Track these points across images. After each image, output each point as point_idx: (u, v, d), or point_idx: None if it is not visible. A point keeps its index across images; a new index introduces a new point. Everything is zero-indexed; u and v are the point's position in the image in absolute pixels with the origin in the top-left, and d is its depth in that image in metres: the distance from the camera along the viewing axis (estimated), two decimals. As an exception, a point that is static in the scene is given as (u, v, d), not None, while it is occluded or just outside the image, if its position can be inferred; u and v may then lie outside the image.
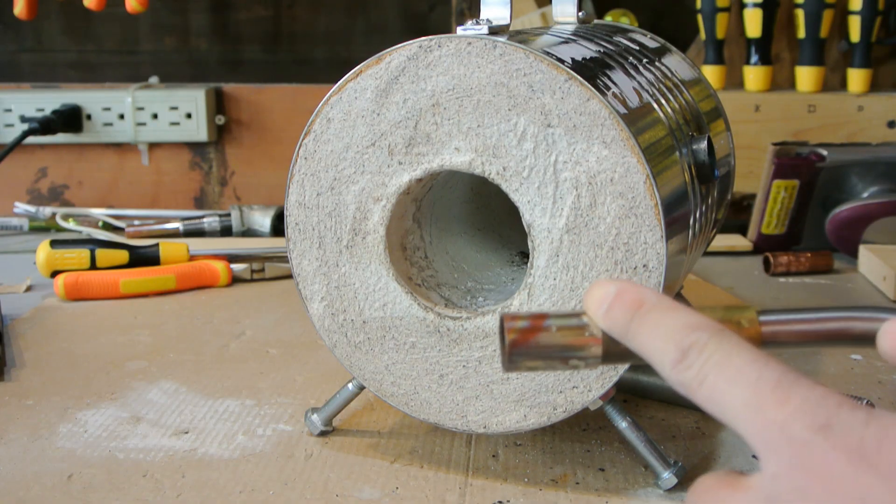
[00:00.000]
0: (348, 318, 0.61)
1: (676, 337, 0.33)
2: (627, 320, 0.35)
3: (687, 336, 0.33)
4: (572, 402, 0.57)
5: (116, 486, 0.59)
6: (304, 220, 0.61)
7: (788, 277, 1.05)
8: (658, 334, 0.34)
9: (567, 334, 0.36)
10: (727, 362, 0.32)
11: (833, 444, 0.29)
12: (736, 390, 0.31)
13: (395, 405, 0.61)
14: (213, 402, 0.72)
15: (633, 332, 0.35)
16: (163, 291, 0.98)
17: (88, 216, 1.29)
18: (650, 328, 0.34)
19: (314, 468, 0.62)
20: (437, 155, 0.57)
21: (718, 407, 0.32)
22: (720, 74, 1.26)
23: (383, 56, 0.57)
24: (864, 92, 1.22)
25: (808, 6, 1.21)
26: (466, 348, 0.59)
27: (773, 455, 0.30)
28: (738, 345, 0.33)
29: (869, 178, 1.09)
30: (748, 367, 0.32)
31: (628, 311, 0.35)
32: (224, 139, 1.33)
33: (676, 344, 0.33)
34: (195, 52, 1.41)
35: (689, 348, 0.33)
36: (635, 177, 0.53)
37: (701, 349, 0.33)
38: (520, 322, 0.36)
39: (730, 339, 0.33)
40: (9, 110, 1.30)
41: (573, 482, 0.60)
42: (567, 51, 0.59)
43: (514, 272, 0.70)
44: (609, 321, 0.36)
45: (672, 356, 0.33)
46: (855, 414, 0.30)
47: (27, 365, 0.79)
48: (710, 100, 0.81)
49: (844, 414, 0.30)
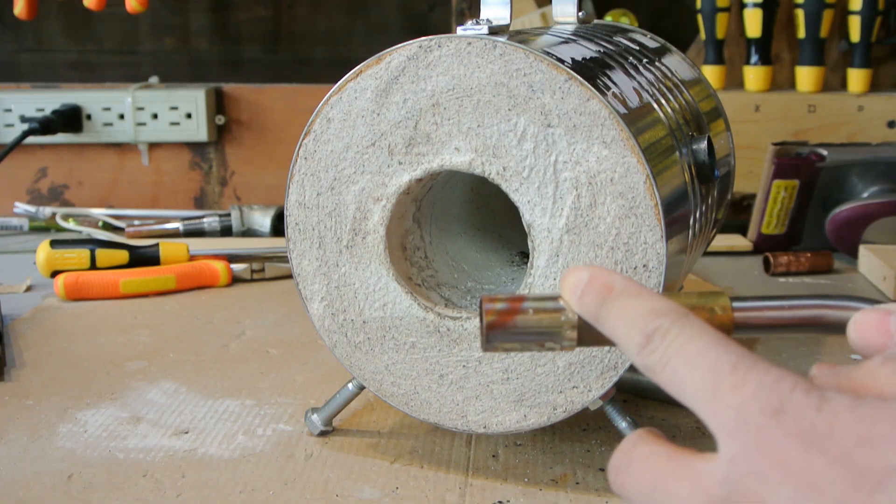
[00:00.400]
0: (348, 318, 0.61)
1: (641, 322, 0.34)
2: (598, 305, 0.36)
3: (651, 321, 0.34)
4: (572, 402, 0.57)
5: (116, 486, 0.59)
6: (304, 220, 0.61)
7: (788, 277, 1.05)
8: (625, 319, 0.35)
9: (543, 317, 0.37)
10: (688, 346, 0.33)
11: (786, 429, 0.30)
12: (695, 374, 0.32)
13: (395, 405, 0.61)
14: (213, 402, 0.72)
15: (603, 317, 0.36)
16: (163, 291, 0.98)
17: (88, 216, 1.29)
18: (617, 313, 0.35)
19: (314, 468, 0.62)
20: (437, 155, 0.57)
21: (679, 390, 0.33)
22: (720, 74, 1.26)
23: (383, 56, 0.57)
24: (864, 92, 1.22)
25: (808, 6, 1.21)
26: (466, 348, 0.59)
27: (729, 438, 0.31)
28: (700, 329, 0.33)
29: (869, 178, 1.09)
30: (707, 350, 0.32)
31: (598, 296, 0.36)
32: (224, 139, 1.33)
33: (641, 329, 0.34)
34: (195, 52, 1.41)
35: (654, 333, 0.34)
36: (635, 177, 0.53)
37: (664, 334, 0.33)
38: (498, 304, 0.37)
39: (692, 324, 0.33)
40: (9, 110, 1.30)
41: (573, 482, 0.60)
42: (567, 51, 0.59)
43: (514, 272, 0.70)
44: (581, 306, 0.36)
45: (637, 340, 0.34)
46: (808, 398, 0.30)
47: (27, 365, 0.79)
48: (710, 100, 0.81)
49: (797, 398, 0.30)
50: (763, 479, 0.30)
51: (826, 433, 0.29)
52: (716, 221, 0.76)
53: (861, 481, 0.28)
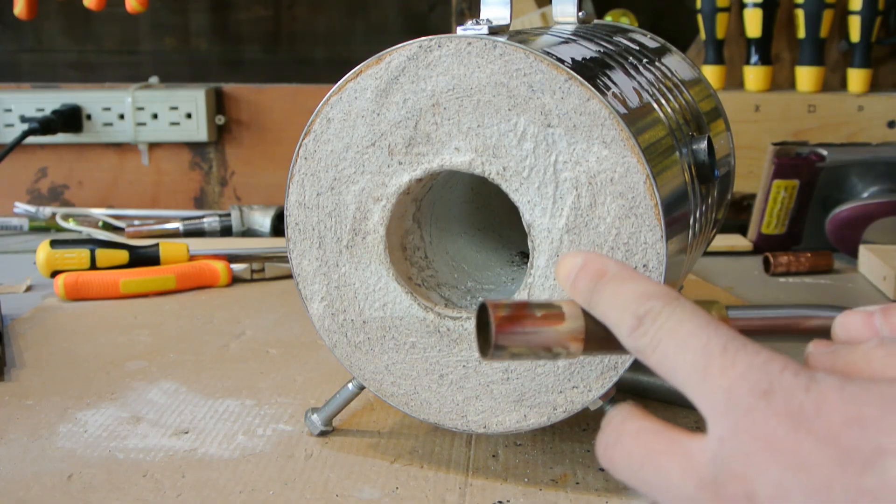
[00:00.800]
0: (348, 318, 0.61)
1: (632, 305, 0.34)
2: (590, 290, 0.36)
3: (643, 304, 0.34)
4: (572, 402, 0.57)
5: (116, 486, 0.59)
6: (304, 220, 0.61)
7: (788, 277, 1.05)
8: (617, 303, 0.35)
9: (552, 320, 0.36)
10: (678, 329, 0.33)
11: (775, 410, 0.30)
12: (685, 356, 0.32)
13: (395, 405, 0.61)
14: (213, 402, 0.72)
15: (595, 302, 0.36)
16: (163, 291, 0.98)
17: (88, 216, 1.29)
18: (609, 297, 0.35)
19: (314, 468, 0.62)
20: (437, 155, 0.57)
21: (669, 372, 0.33)
22: (720, 74, 1.26)
23: (383, 56, 0.57)
24: (864, 92, 1.22)
25: (808, 6, 1.21)
26: (466, 348, 0.59)
27: (719, 419, 0.31)
28: (691, 312, 0.33)
29: (869, 178, 1.09)
30: (697, 333, 0.32)
31: (591, 280, 0.36)
32: (224, 139, 1.33)
33: (632, 312, 0.34)
34: (195, 52, 1.41)
35: (645, 315, 0.34)
36: (635, 177, 0.53)
37: (655, 317, 0.33)
38: (503, 309, 0.36)
39: (683, 307, 0.34)
40: (9, 110, 1.30)
41: (573, 482, 0.60)
42: (567, 51, 0.59)
43: (514, 272, 0.70)
44: (575, 292, 0.37)
45: (629, 323, 0.34)
46: (797, 379, 0.30)
47: (27, 365, 0.79)
48: (710, 100, 0.81)
49: (787, 379, 0.30)
50: (751, 460, 0.30)
51: (814, 414, 0.29)
52: (716, 221, 0.76)
53: (848, 461, 0.28)
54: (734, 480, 0.30)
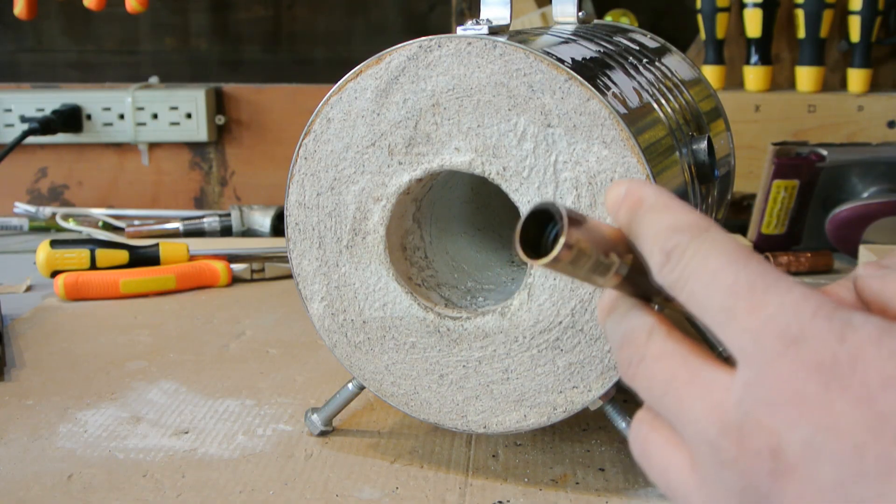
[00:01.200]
0: (348, 318, 0.61)
1: (661, 239, 0.32)
2: (629, 220, 0.34)
3: (670, 238, 0.32)
4: (572, 402, 0.57)
5: (116, 486, 0.59)
6: (304, 220, 0.61)
7: (788, 277, 1.05)
8: (649, 236, 0.33)
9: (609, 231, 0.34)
10: (704, 265, 0.31)
11: (804, 361, 0.28)
12: (713, 295, 0.30)
13: (395, 405, 0.61)
14: (213, 402, 0.72)
15: (634, 233, 0.34)
16: (163, 291, 0.98)
17: (88, 216, 1.29)
18: (644, 229, 0.33)
19: (314, 468, 0.62)
20: (437, 155, 0.57)
21: (698, 311, 0.31)
22: (720, 74, 1.26)
23: (383, 56, 0.57)
24: (864, 92, 1.22)
25: (808, 6, 1.20)
26: (466, 348, 0.59)
27: (746, 362, 0.29)
28: (718, 245, 0.31)
29: (869, 178, 1.09)
30: (725, 269, 0.30)
31: (630, 210, 0.34)
32: (224, 139, 1.33)
33: (661, 247, 0.32)
34: (195, 52, 1.41)
35: (672, 251, 0.32)
36: (635, 177, 0.53)
37: (682, 252, 0.31)
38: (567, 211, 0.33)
39: (712, 240, 0.31)
40: (9, 110, 1.30)
41: (573, 482, 0.60)
42: (567, 51, 0.59)
43: (514, 272, 0.70)
44: (617, 221, 0.34)
45: (657, 259, 0.32)
46: (831, 324, 0.28)
47: (27, 365, 0.79)
48: (710, 100, 0.81)
49: (818, 325, 0.28)
50: (779, 414, 0.28)
51: (848, 369, 0.27)
52: (716, 221, 0.76)
53: (882, 428, 0.26)
54: (760, 432, 0.28)
